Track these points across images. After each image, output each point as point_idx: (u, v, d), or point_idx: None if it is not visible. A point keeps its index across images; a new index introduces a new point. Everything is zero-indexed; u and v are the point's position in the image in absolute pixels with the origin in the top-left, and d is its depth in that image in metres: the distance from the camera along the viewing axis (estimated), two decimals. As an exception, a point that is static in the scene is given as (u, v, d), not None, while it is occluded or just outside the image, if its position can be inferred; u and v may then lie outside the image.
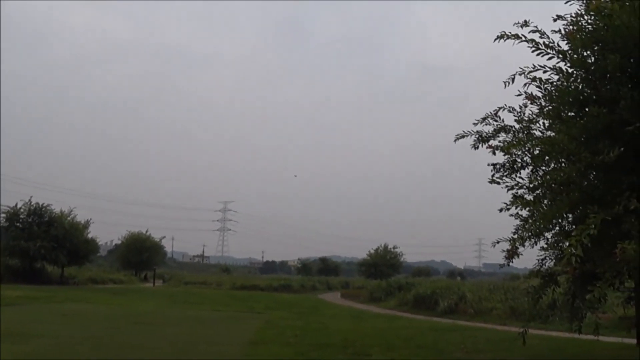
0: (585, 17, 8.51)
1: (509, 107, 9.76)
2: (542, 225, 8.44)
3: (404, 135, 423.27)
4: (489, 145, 9.94)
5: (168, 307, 26.65)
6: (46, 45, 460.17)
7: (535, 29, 8.45)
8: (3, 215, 45.23)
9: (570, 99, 8.42)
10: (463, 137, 10.28)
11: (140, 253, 65.97)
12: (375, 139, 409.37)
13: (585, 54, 8.35)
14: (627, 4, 7.75)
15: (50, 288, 37.26)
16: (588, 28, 8.37)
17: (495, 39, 8.76)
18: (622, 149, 7.27)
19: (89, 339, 13.57)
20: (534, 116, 9.43)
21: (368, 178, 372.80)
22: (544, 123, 9.34)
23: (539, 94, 8.98)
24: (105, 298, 30.81)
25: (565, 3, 8.63)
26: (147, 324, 17.70)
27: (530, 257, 10.14)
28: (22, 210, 45.85)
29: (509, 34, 8.57)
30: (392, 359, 11.34)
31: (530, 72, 8.69)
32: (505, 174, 9.82)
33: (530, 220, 8.69)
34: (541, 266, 10.15)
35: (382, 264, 72.93)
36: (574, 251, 6.47)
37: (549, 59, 8.45)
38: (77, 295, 31.48)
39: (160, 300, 31.91)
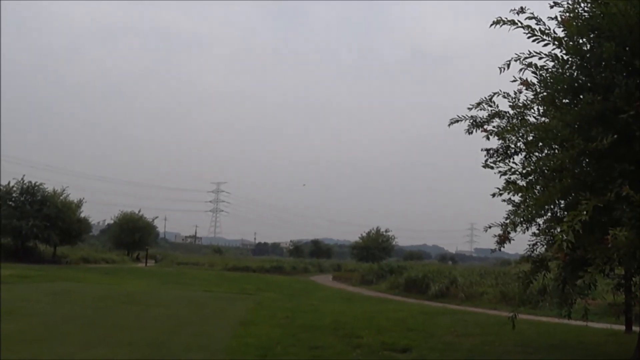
0: (582, 5, 8.49)
1: (504, 92, 9.74)
2: (534, 211, 8.45)
3: (398, 120, 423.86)
4: (484, 129, 9.94)
5: (159, 287, 26.75)
6: (38, 27, 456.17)
7: (531, 15, 8.44)
8: (-4, 194, 45.10)
9: (565, 86, 8.42)
10: (457, 121, 10.26)
11: (132, 233, 65.98)
12: (369, 123, 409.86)
13: (580, 41, 8.34)
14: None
15: (42, 267, 37.26)
16: (584, 15, 8.36)
17: (491, 25, 8.73)
18: (615, 136, 7.29)
19: (78, 318, 13.63)
20: (529, 102, 9.42)
21: (362, 162, 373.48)
22: (538, 109, 9.34)
23: (534, 80, 8.98)
24: (97, 277, 30.84)
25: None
26: (137, 303, 17.75)
27: (522, 242, 10.18)
28: (14, 189, 45.74)
29: (505, 20, 8.55)
30: (382, 342, 11.40)
31: (526, 58, 8.68)
32: (498, 159, 9.82)
33: (522, 206, 8.70)
34: (532, 252, 10.18)
35: (374, 247, 73.16)
36: (566, 237, 6.50)
37: (545, 45, 8.45)
38: (68, 274, 31.50)
39: (151, 280, 32.01)
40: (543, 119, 9.09)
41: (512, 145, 9.71)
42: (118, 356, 9.35)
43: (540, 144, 8.77)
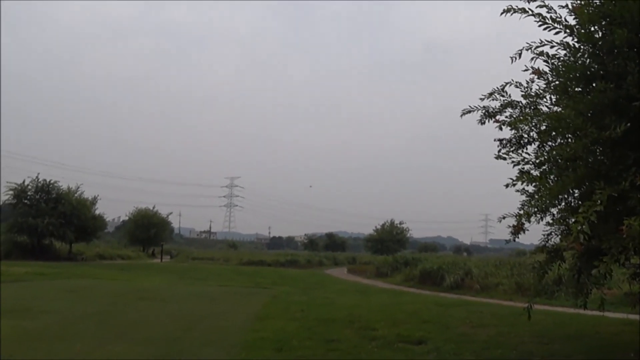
0: (593, -9, 8.42)
1: (516, 82, 9.67)
2: (548, 201, 8.40)
3: (410, 111, 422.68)
4: (496, 119, 9.89)
5: (175, 282, 26.86)
6: (51, 24, 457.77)
7: (542, 3, 8.36)
8: (10, 192, 45.43)
9: (577, 74, 8.35)
10: (469, 112, 10.20)
11: (147, 229, 66.33)
12: (382, 115, 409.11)
13: (592, 28, 8.25)
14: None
15: (58, 264, 37.57)
16: (596, 2, 8.27)
17: (502, 13, 8.65)
18: (628, 124, 7.22)
19: (94, 315, 13.71)
20: (541, 91, 9.35)
21: (375, 154, 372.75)
22: (550, 98, 9.27)
23: (546, 69, 8.91)
24: (112, 274, 31.03)
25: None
26: (153, 299, 17.85)
27: (536, 232, 10.12)
28: (29, 187, 46.08)
29: (516, 8, 8.48)
30: (397, 334, 11.41)
31: (537, 47, 8.61)
32: (511, 149, 9.75)
33: (536, 196, 8.64)
34: (547, 242, 10.13)
35: (389, 239, 73.16)
36: (581, 227, 6.44)
37: (556, 33, 8.37)
38: (84, 271, 31.73)
39: (167, 276, 32.14)
40: (556, 108, 9.02)
41: (525, 135, 9.64)
42: (135, 352, 9.40)
43: (554, 133, 8.70)
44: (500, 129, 9.74)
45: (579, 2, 8.37)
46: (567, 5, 8.39)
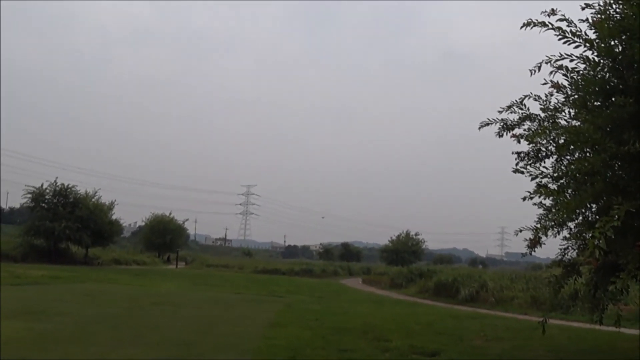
0: (614, 6, 8.41)
1: (535, 95, 9.68)
2: (565, 215, 8.38)
3: (428, 122, 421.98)
4: (513, 134, 9.89)
5: (189, 288, 26.90)
6: (73, 30, 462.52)
7: (562, 17, 8.36)
8: (29, 195, 45.85)
9: (597, 88, 8.34)
10: (487, 124, 10.21)
11: (163, 235, 66.54)
12: (400, 126, 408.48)
13: (612, 43, 8.25)
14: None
15: (74, 268, 37.78)
16: (616, 17, 8.27)
17: (522, 27, 8.67)
18: (647, 139, 7.20)
19: (109, 319, 13.78)
20: (560, 105, 9.36)
21: (392, 165, 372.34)
22: (569, 112, 9.27)
23: (565, 83, 8.91)
24: (128, 279, 31.15)
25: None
26: (168, 304, 17.92)
27: (553, 246, 10.10)
28: (47, 191, 46.44)
29: (536, 22, 8.49)
30: (411, 345, 11.36)
31: (557, 60, 8.61)
32: (529, 162, 9.73)
33: (553, 210, 8.64)
34: (563, 256, 10.10)
35: (404, 250, 72.71)
36: (598, 243, 6.41)
37: (576, 47, 8.37)
38: (100, 275, 31.92)
39: (181, 281, 32.22)
40: (574, 122, 9.02)
41: (543, 149, 9.62)
42: (149, 356, 9.43)
43: (572, 147, 8.69)
44: (519, 142, 9.73)
45: (599, 16, 8.37)
46: (587, 19, 8.39)
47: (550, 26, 8.38)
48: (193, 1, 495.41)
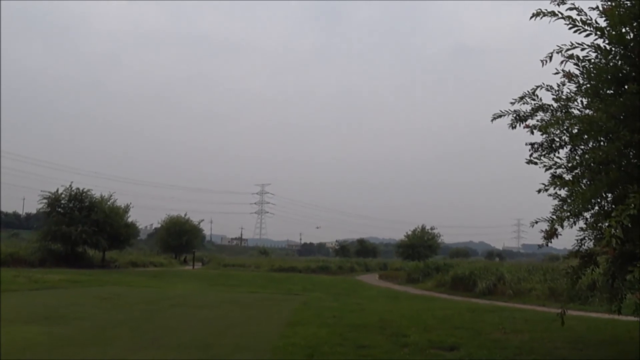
0: (624, -7, 8.33)
1: (547, 85, 9.60)
2: (581, 205, 8.31)
3: (441, 116, 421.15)
4: (526, 125, 9.82)
5: (206, 289, 26.99)
6: (81, 35, 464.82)
7: (572, 6, 8.29)
8: (45, 201, 46.17)
9: (609, 77, 8.27)
10: (500, 116, 10.14)
11: (179, 236, 66.94)
12: (413, 120, 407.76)
13: (623, 30, 8.16)
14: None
15: (91, 272, 38.06)
16: (627, 4, 8.19)
17: (532, 17, 8.61)
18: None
19: (127, 321, 13.86)
20: (572, 94, 9.28)
21: (406, 160, 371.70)
22: (582, 101, 9.19)
23: (577, 72, 8.84)
24: (145, 281, 31.32)
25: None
26: (185, 305, 18.00)
27: (569, 237, 10.02)
28: (63, 195, 46.77)
29: (545, 12, 8.43)
30: (429, 340, 11.35)
31: (568, 49, 8.54)
32: (543, 153, 9.66)
33: (569, 200, 8.57)
34: (580, 246, 10.01)
35: (420, 245, 72.57)
36: (614, 232, 6.36)
37: (587, 36, 8.29)
38: (117, 278, 32.08)
39: (198, 282, 32.33)
40: (587, 111, 8.93)
41: (557, 139, 9.55)
42: (168, 358, 9.48)
43: (585, 136, 8.62)
44: (532, 133, 9.67)
45: (609, 3, 8.29)
46: (597, 7, 8.31)
47: (560, 15, 8.32)
48: (203, 1, 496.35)
